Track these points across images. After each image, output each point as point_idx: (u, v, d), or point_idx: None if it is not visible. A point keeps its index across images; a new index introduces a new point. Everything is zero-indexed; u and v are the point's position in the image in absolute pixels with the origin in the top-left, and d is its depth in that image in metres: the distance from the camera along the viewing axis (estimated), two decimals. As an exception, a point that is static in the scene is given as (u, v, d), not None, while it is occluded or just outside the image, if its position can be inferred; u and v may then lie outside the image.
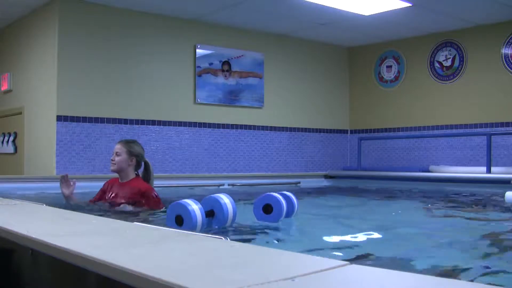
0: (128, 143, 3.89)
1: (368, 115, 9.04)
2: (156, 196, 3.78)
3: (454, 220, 3.80)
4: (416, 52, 8.40)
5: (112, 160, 3.81)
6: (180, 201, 2.60)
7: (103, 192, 3.94)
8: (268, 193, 3.00)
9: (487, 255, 2.36)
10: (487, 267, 2.08)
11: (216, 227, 2.69)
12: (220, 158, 7.72)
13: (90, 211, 3.52)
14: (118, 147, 3.83)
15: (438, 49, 8.13)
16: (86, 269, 1.27)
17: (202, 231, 2.48)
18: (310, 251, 2.34)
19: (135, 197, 3.71)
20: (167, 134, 7.26)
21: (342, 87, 9.24)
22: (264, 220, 2.95)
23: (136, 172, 3.89)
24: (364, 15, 7.10)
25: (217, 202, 2.68)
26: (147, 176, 3.93)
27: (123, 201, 3.71)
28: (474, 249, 2.53)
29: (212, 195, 2.74)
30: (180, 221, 2.51)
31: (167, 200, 4.53)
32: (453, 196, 5.42)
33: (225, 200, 2.69)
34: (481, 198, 5.11)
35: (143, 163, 3.93)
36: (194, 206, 2.54)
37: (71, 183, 3.87)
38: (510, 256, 2.45)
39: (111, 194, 3.83)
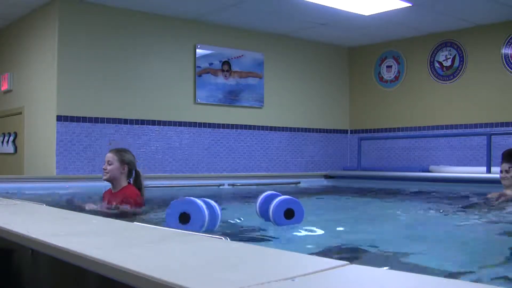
0: (120, 151, 3.85)
1: (368, 115, 9.04)
2: (139, 202, 3.78)
3: (454, 220, 3.80)
4: (416, 52, 8.40)
5: (104, 169, 3.77)
6: (185, 198, 2.49)
7: (101, 200, 3.94)
8: (285, 197, 2.92)
9: (487, 255, 2.36)
10: (489, 267, 2.08)
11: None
12: (220, 158, 7.72)
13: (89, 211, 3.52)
14: (109, 156, 3.78)
15: (438, 49, 8.13)
16: (86, 269, 1.27)
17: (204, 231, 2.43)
18: (310, 251, 2.34)
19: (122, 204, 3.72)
20: (167, 134, 7.26)
21: (342, 87, 9.24)
22: (286, 225, 2.87)
23: (128, 180, 3.85)
24: (364, 15, 7.10)
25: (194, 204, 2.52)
26: (137, 184, 3.88)
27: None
28: (474, 249, 2.53)
29: (187, 198, 2.59)
30: (186, 219, 2.42)
31: (166, 199, 4.53)
32: (453, 196, 5.42)
33: (200, 202, 2.57)
34: (481, 198, 5.10)
35: (134, 172, 3.88)
36: (201, 202, 2.46)
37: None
38: (510, 256, 2.45)
39: (105, 204, 3.82)
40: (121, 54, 6.91)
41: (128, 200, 3.72)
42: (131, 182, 3.86)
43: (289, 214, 2.84)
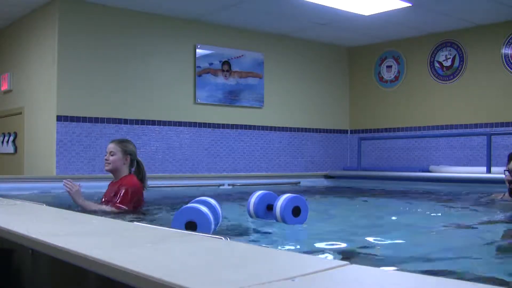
0: (122, 142, 3.85)
1: (368, 115, 9.04)
2: (131, 194, 3.62)
3: (454, 220, 3.80)
4: (416, 52, 8.40)
5: (106, 159, 3.75)
6: (191, 206, 2.46)
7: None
8: (292, 195, 2.95)
9: (488, 255, 2.36)
10: (488, 267, 2.08)
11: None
12: (220, 158, 7.72)
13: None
14: (112, 146, 3.77)
15: (438, 49, 8.13)
16: (86, 269, 1.27)
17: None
18: (310, 251, 2.34)
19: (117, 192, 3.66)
20: (167, 134, 7.26)
21: (342, 87, 9.24)
22: (293, 223, 2.90)
23: (130, 171, 3.84)
24: (364, 15, 7.10)
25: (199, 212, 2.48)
26: (139, 175, 3.87)
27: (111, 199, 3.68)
28: (474, 249, 2.53)
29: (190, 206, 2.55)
30: (192, 228, 2.35)
31: (167, 199, 4.53)
32: (453, 196, 5.42)
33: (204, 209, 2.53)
34: (481, 198, 5.10)
35: (135, 162, 3.87)
36: (206, 209, 2.42)
37: (78, 187, 3.66)
38: (510, 256, 2.45)
39: (105, 196, 3.81)
40: (121, 54, 6.91)
41: (123, 186, 3.65)
42: (133, 172, 3.86)
43: (296, 211, 2.90)
